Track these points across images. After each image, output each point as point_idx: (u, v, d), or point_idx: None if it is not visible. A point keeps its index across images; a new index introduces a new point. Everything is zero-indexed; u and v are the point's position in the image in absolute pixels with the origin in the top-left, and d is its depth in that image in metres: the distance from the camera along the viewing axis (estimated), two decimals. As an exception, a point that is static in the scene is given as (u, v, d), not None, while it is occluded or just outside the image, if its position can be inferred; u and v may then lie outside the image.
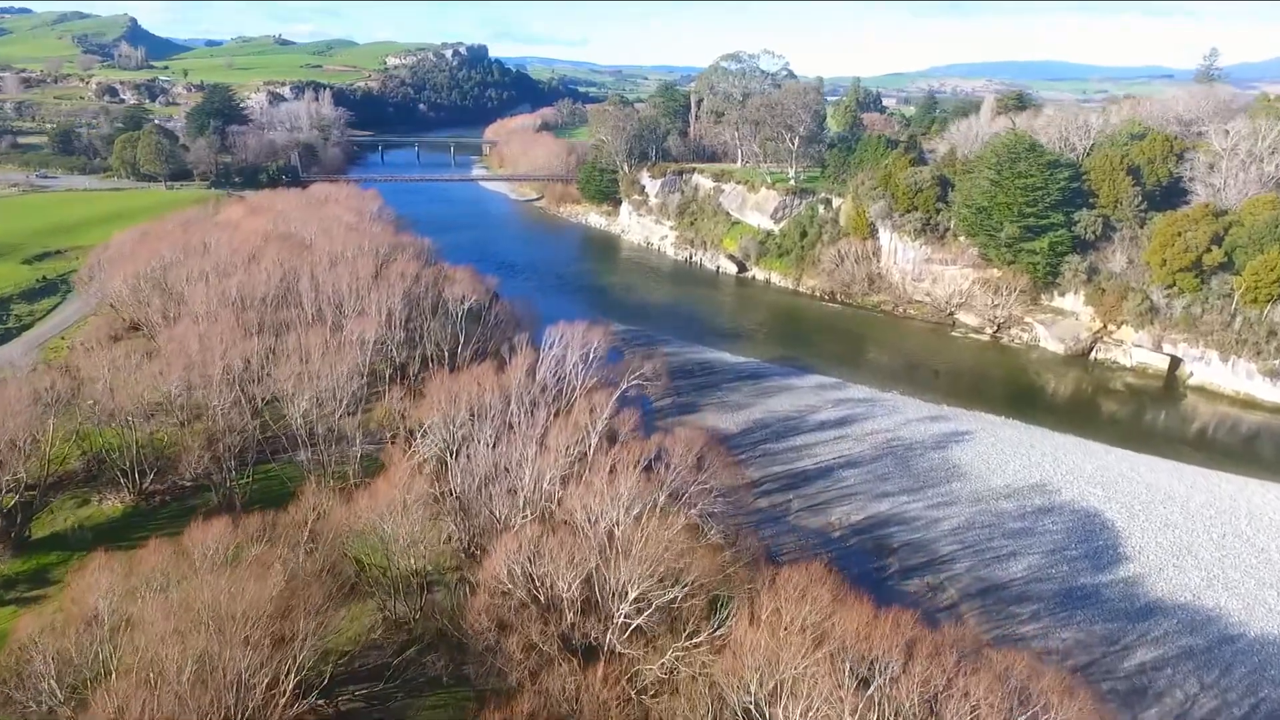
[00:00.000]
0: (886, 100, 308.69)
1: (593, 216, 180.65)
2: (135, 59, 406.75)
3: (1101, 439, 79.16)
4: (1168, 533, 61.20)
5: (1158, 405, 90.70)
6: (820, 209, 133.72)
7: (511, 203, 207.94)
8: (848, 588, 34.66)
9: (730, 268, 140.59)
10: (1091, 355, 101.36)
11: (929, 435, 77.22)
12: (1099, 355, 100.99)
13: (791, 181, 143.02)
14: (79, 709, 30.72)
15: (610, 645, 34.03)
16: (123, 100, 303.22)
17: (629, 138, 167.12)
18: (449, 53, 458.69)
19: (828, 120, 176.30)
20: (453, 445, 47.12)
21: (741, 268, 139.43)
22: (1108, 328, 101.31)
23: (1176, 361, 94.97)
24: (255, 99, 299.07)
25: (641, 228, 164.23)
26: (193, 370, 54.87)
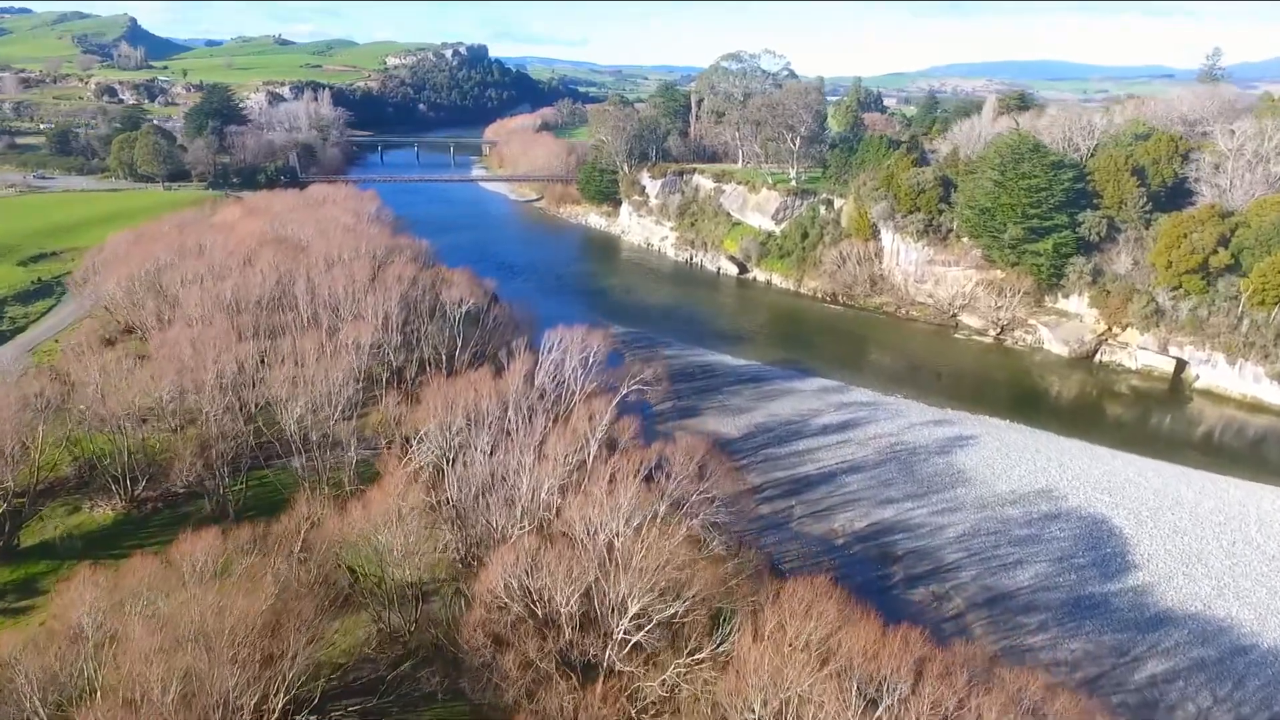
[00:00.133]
0: (887, 100, 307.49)
1: (593, 217, 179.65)
2: (134, 59, 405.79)
3: (1107, 443, 78.23)
4: (1177, 540, 60.22)
5: (1163, 409, 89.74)
6: (822, 210, 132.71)
7: (511, 203, 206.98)
8: (854, 602, 33.64)
9: (731, 269, 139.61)
10: (1096, 358, 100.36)
11: (933, 439, 76.26)
12: (1104, 358, 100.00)
13: (793, 182, 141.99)
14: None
15: (609, 662, 33.07)
16: (122, 100, 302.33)
17: (629, 138, 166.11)
18: (449, 53, 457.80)
19: (828, 120, 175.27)
20: (449, 453, 46.15)
21: (742, 269, 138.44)
22: (1112, 330, 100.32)
23: (1182, 364, 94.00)
24: (254, 99, 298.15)
25: (642, 228, 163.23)
26: (185, 375, 53.89)
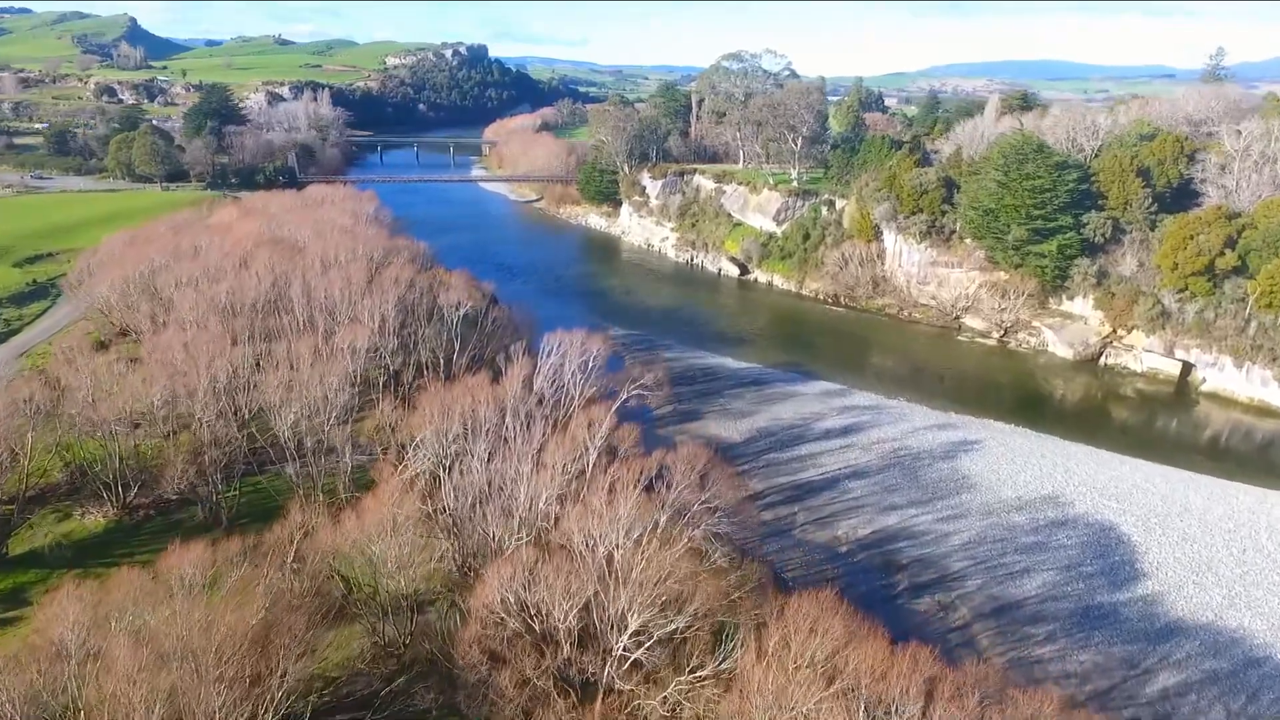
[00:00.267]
0: (887, 100, 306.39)
1: (593, 218, 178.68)
2: (134, 59, 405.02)
3: (1113, 448, 77.22)
4: (1186, 547, 59.20)
5: (1170, 412, 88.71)
6: (823, 211, 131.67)
7: (511, 204, 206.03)
8: (861, 617, 32.67)
9: (732, 270, 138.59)
10: (1101, 360, 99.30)
11: (937, 444, 75.26)
12: (1109, 360, 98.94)
13: (794, 183, 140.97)
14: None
15: (609, 680, 32.10)
16: (121, 100, 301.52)
17: (629, 138, 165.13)
18: (449, 53, 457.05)
19: (830, 121, 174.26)
20: (445, 461, 45.18)
21: (743, 270, 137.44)
22: (1117, 332, 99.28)
23: (1188, 367, 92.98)
24: (254, 99, 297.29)
25: (642, 229, 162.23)
26: (177, 381, 52.92)
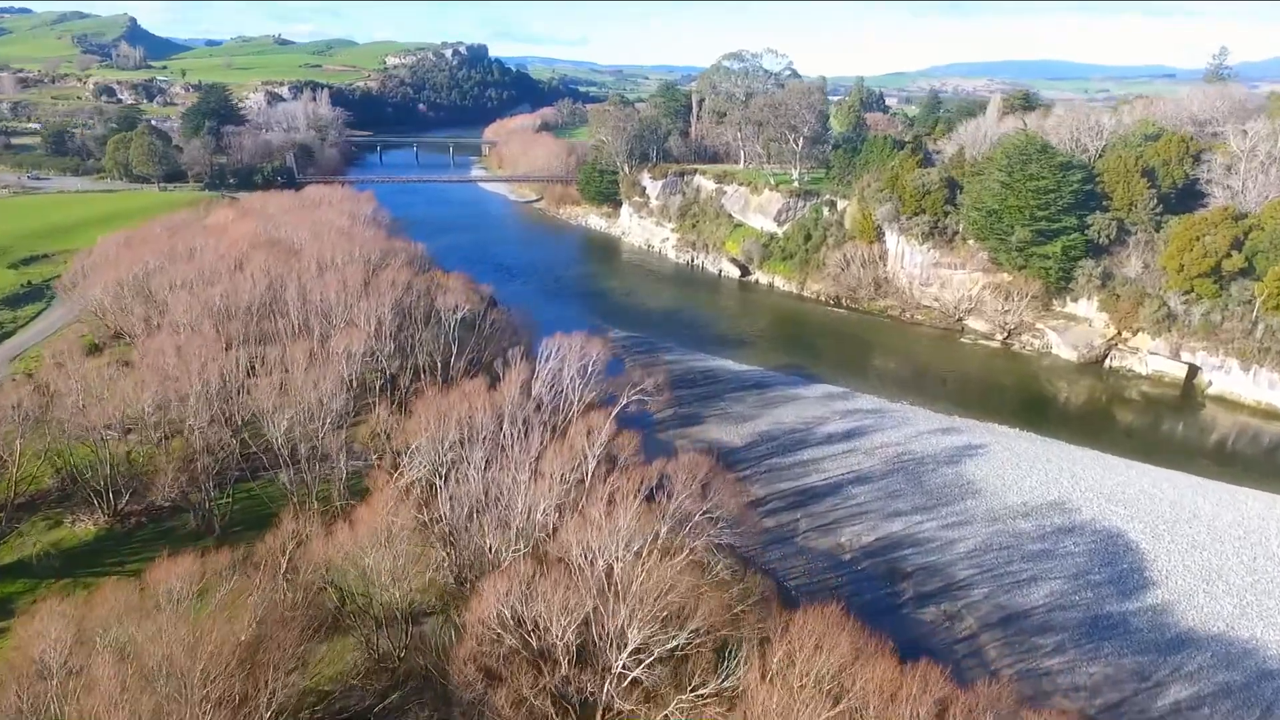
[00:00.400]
0: (888, 100, 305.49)
1: (593, 218, 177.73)
2: (134, 59, 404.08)
3: (1119, 452, 76.24)
4: (1195, 555, 58.24)
5: (1176, 416, 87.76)
6: (825, 211, 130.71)
7: (510, 204, 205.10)
8: (868, 633, 31.70)
9: (733, 271, 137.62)
10: (1106, 363, 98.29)
11: (941, 449, 74.30)
12: (1113, 363, 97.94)
13: (795, 183, 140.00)
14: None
15: (608, 699, 31.16)
16: (120, 100, 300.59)
17: (629, 138, 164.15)
18: (449, 52, 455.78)
19: (830, 120, 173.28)
20: (441, 469, 44.24)
21: (744, 271, 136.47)
22: (1122, 335, 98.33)
23: (1194, 370, 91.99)
24: (253, 99, 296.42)
25: (642, 230, 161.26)
26: (169, 386, 51.97)
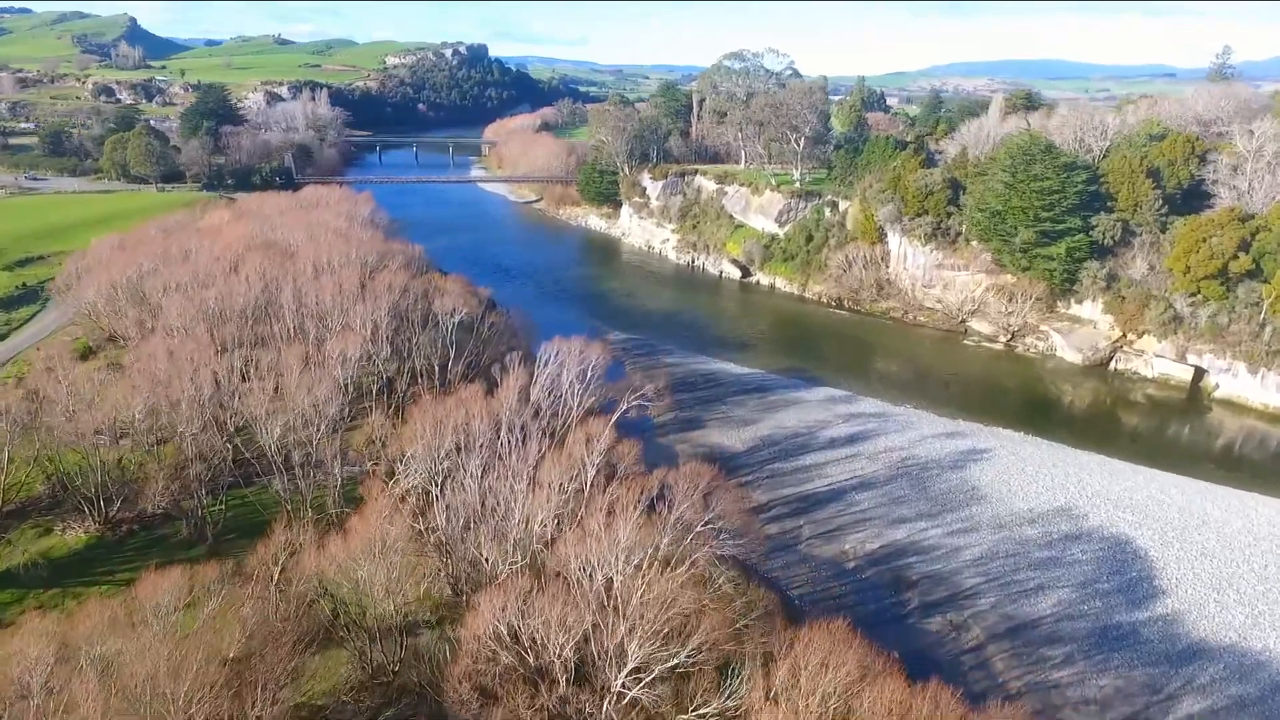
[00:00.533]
0: (889, 99, 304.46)
1: (592, 219, 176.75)
2: (133, 59, 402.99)
3: (1126, 457, 75.24)
4: (1205, 563, 57.25)
5: (1182, 419, 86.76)
6: (826, 212, 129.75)
7: (510, 204, 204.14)
8: (875, 651, 30.72)
9: (734, 272, 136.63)
10: (1111, 366, 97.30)
11: (945, 453, 73.34)
12: (1119, 366, 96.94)
13: (796, 184, 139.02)
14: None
15: (607, 719, 30.18)
16: (119, 100, 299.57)
17: (630, 138, 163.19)
18: (449, 52, 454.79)
19: (832, 120, 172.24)
20: (437, 478, 43.26)
21: (745, 272, 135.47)
22: (1128, 337, 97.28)
23: (1201, 373, 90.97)
24: (252, 99, 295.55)
25: (642, 231, 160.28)
26: (160, 392, 51.00)
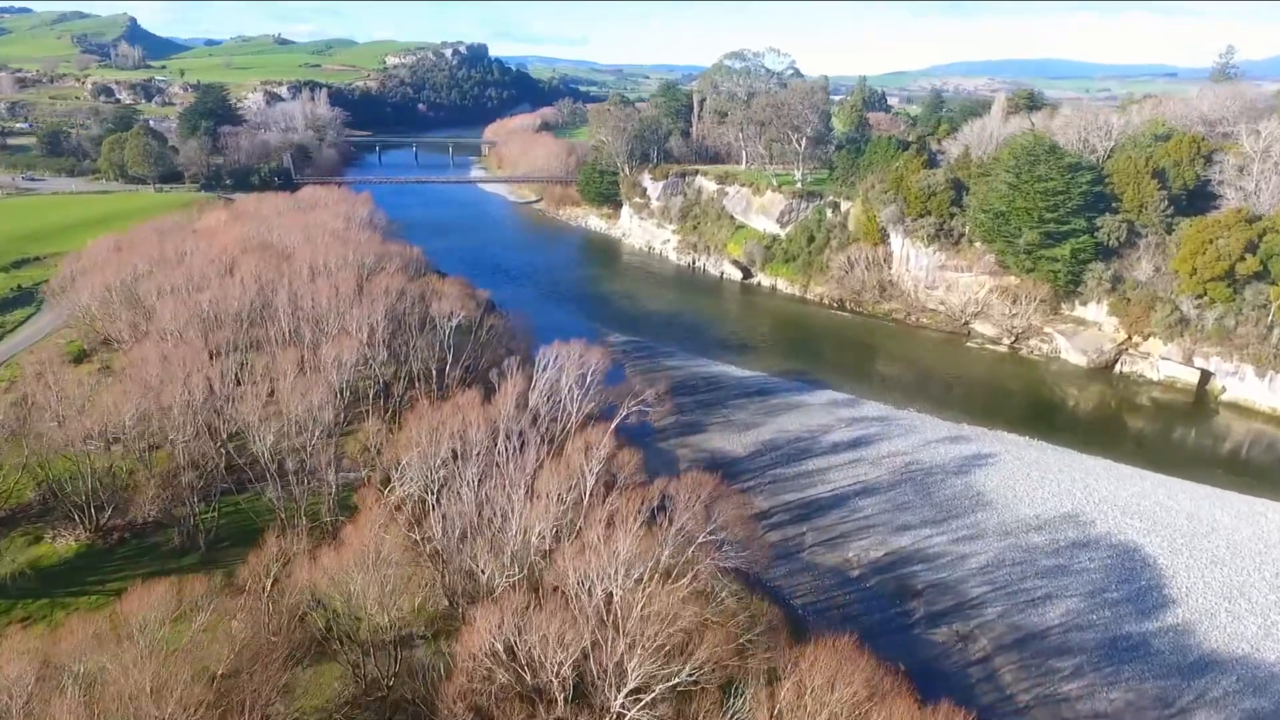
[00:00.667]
0: (890, 99, 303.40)
1: (592, 219, 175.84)
2: (132, 58, 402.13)
3: (1132, 461, 74.24)
4: (1216, 571, 56.27)
5: (1188, 423, 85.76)
6: (828, 213, 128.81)
7: (510, 205, 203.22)
8: (884, 669, 29.78)
9: (735, 274, 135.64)
10: (1116, 368, 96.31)
11: (949, 458, 72.35)
12: (1124, 368, 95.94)
13: (798, 184, 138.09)
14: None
15: (606, 741, 29.34)
16: (118, 100, 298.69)
17: (630, 138, 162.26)
18: (449, 52, 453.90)
19: (833, 120, 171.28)
20: (433, 487, 42.33)
21: (746, 274, 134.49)
22: (1133, 339, 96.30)
23: (1207, 376, 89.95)
24: (252, 99, 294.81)
25: (643, 231, 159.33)
26: (151, 398, 50.06)
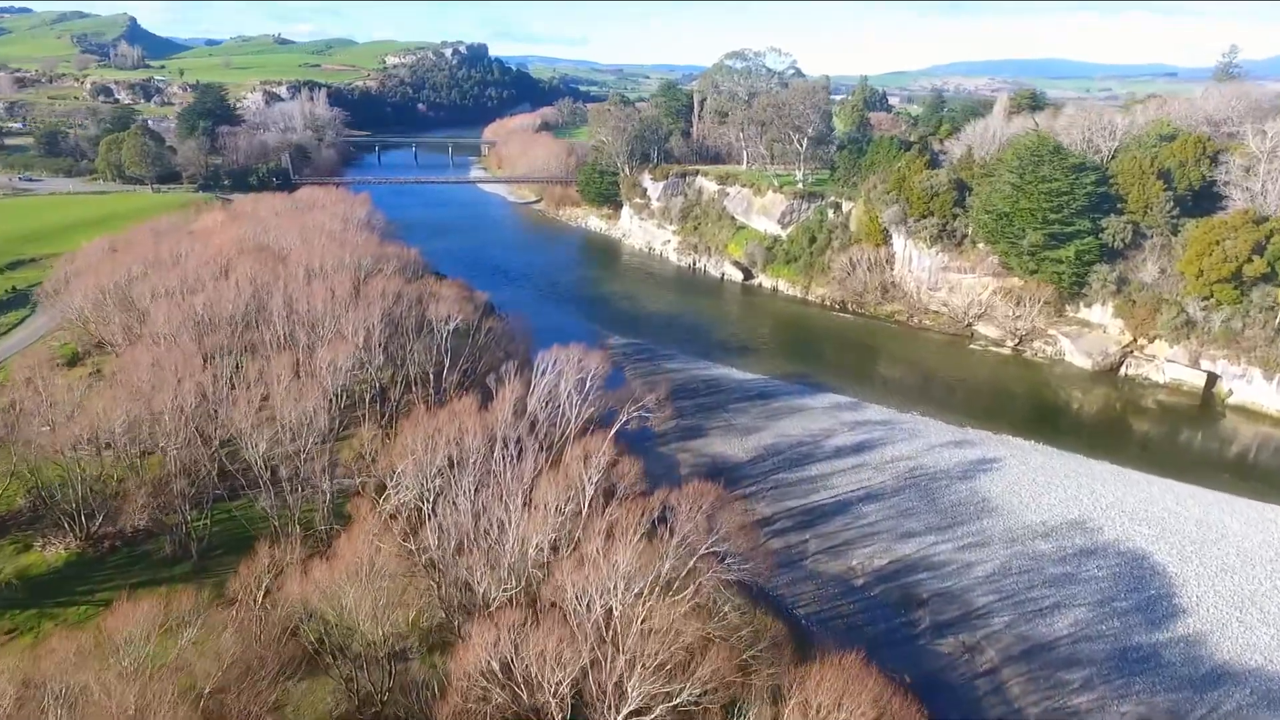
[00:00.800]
0: (890, 99, 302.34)
1: (592, 220, 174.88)
2: (132, 58, 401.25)
3: (1139, 466, 73.27)
4: (1226, 579, 55.30)
5: (1195, 426, 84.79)
6: (830, 213, 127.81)
7: (509, 205, 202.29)
8: (893, 688, 28.82)
9: (735, 275, 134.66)
10: (1121, 371, 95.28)
11: (954, 463, 71.40)
12: (1129, 371, 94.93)
13: (799, 184, 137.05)
14: None
15: (605, 764, 28.41)
16: (117, 100, 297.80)
17: (630, 138, 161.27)
18: (448, 52, 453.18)
19: (834, 120, 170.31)
20: (429, 497, 41.38)
21: (747, 275, 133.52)
22: (1138, 342, 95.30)
23: (1214, 378, 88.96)
24: (251, 99, 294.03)
25: (643, 232, 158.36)
26: (142, 405, 49.10)
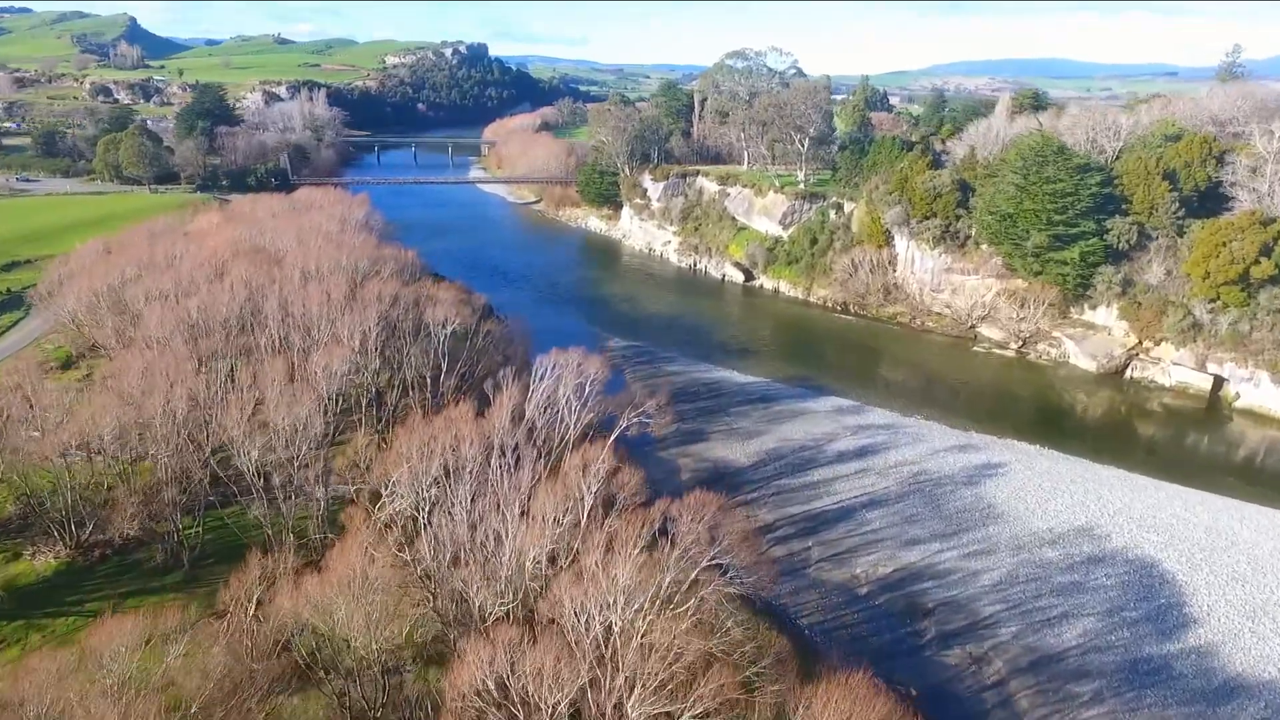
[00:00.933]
0: (891, 99, 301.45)
1: (592, 220, 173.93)
2: (131, 58, 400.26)
3: (1146, 471, 72.25)
4: (1237, 588, 54.32)
5: (1202, 430, 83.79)
6: (831, 214, 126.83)
7: (509, 206, 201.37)
8: (902, 709, 27.86)
9: (736, 276, 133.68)
10: (1126, 374, 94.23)
11: (958, 468, 70.43)
12: (1135, 374, 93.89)
13: (801, 185, 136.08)
14: None
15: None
16: (116, 100, 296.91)
17: (630, 138, 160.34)
18: (448, 51, 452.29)
19: (835, 120, 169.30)
20: (424, 506, 40.44)
21: (748, 276, 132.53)
22: (1144, 344, 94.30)
23: (1220, 381, 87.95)
24: (251, 99, 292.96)
25: (643, 233, 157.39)
26: (131, 411, 48.16)
